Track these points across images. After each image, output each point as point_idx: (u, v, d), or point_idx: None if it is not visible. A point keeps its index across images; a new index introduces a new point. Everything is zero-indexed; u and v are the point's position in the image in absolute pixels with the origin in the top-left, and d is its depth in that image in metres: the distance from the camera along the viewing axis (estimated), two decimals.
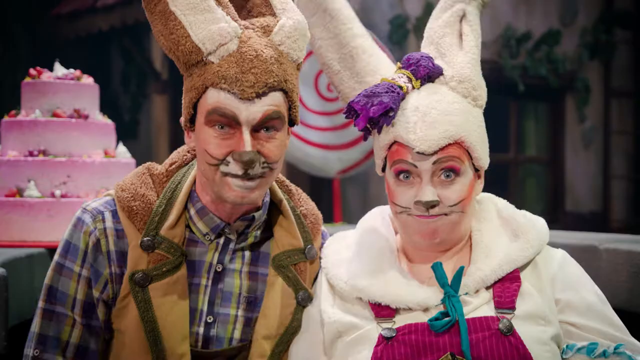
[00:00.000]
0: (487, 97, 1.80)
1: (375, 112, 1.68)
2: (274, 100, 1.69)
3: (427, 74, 1.75)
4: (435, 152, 1.68)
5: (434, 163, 1.68)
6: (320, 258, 1.92)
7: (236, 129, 1.69)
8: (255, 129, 1.69)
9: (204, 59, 1.68)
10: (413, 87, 1.75)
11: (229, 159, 1.69)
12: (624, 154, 8.85)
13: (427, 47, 1.83)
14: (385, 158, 1.77)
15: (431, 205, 1.68)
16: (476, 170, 1.76)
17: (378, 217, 1.89)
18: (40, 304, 1.80)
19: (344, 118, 1.77)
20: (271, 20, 1.75)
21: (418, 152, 1.68)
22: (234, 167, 1.69)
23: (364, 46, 1.83)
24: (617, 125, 8.79)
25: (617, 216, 8.79)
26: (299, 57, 1.75)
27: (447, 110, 1.70)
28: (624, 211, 8.87)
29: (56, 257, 1.81)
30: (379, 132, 1.75)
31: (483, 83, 1.79)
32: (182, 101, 1.77)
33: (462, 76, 1.75)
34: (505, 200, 1.88)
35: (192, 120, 1.74)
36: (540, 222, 1.82)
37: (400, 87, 1.73)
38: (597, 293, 1.76)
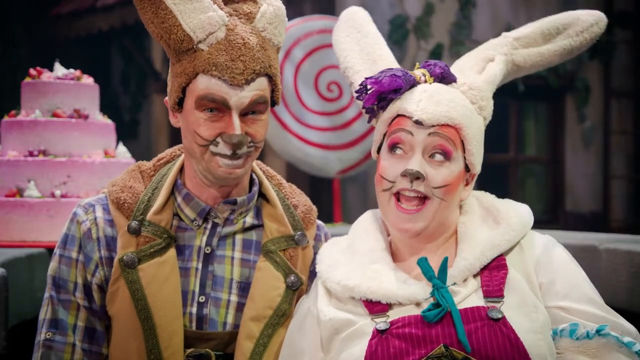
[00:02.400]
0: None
1: (388, 84, 1.77)
2: (261, 86, 1.81)
3: (442, 74, 1.84)
4: (433, 126, 1.74)
5: (429, 134, 1.74)
6: (314, 248, 1.98)
7: (225, 112, 1.79)
8: (243, 113, 1.80)
9: (194, 46, 1.78)
10: (425, 81, 1.83)
11: (219, 140, 1.80)
12: (624, 154, 8.85)
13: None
14: (384, 135, 1.82)
15: (416, 177, 1.72)
16: (467, 169, 1.80)
17: (371, 219, 1.92)
18: (46, 293, 1.89)
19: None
20: (253, 7, 1.86)
21: (416, 122, 1.74)
22: (223, 148, 1.80)
23: (387, 55, 1.95)
24: (617, 125, 8.79)
25: (617, 216, 8.79)
26: (279, 42, 1.88)
27: (453, 99, 1.78)
28: (624, 211, 8.87)
29: (56, 249, 1.91)
30: (384, 109, 1.82)
31: (491, 102, 1.87)
32: (169, 84, 1.86)
33: (473, 84, 1.84)
34: (487, 192, 1.91)
35: (179, 103, 1.84)
36: (523, 207, 1.85)
37: (414, 75, 1.82)
38: (580, 277, 1.77)
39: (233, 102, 1.78)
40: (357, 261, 1.81)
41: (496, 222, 1.80)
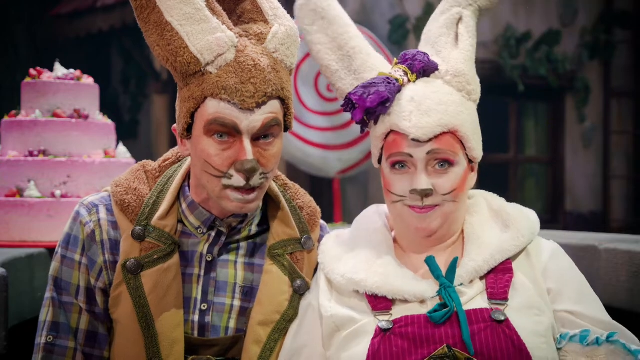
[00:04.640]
0: (484, 95, 1.86)
1: (372, 102, 1.74)
2: (273, 108, 1.73)
3: (423, 67, 1.81)
4: (430, 140, 1.72)
5: (428, 153, 1.72)
6: (318, 250, 1.94)
7: (236, 137, 1.72)
8: (254, 137, 1.73)
9: (202, 69, 1.70)
10: (409, 80, 1.80)
11: (232, 171, 1.72)
12: (624, 154, 8.85)
13: (424, 48, 1.89)
14: (382, 148, 1.81)
15: (425, 194, 1.72)
16: (470, 162, 1.80)
17: (374, 214, 1.92)
18: (48, 294, 1.86)
19: (342, 110, 1.82)
20: (264, 27, 1.78)
21: (413, 140, 1.72)
22: (237, 179, 1.72)
23: (361, 46, 1.89)
24: (617, 125, 8.79)
25: (617, 216, 8.79)
26: (292, 64, 1.80)
27: (442, 101, 1.76)
28: (624, 211, 8.88)
29: (58, 249, 1.87)
30: (376, 122, 1.81)
31: (477, 79, 1.84)
32: (177, 110, 1.79)
33: (457, 71, 1.81)
34: (495, 194, 1.91)
35: (188, 129, 1.77)
36: (531, 213, 1.86)
37: (397, 80, 1.79)
38: (587, 285, 1.79)
39: (244, 127, 1.70)
40: (362, 255, 1.81)
41: (506, 226, 1.80)
